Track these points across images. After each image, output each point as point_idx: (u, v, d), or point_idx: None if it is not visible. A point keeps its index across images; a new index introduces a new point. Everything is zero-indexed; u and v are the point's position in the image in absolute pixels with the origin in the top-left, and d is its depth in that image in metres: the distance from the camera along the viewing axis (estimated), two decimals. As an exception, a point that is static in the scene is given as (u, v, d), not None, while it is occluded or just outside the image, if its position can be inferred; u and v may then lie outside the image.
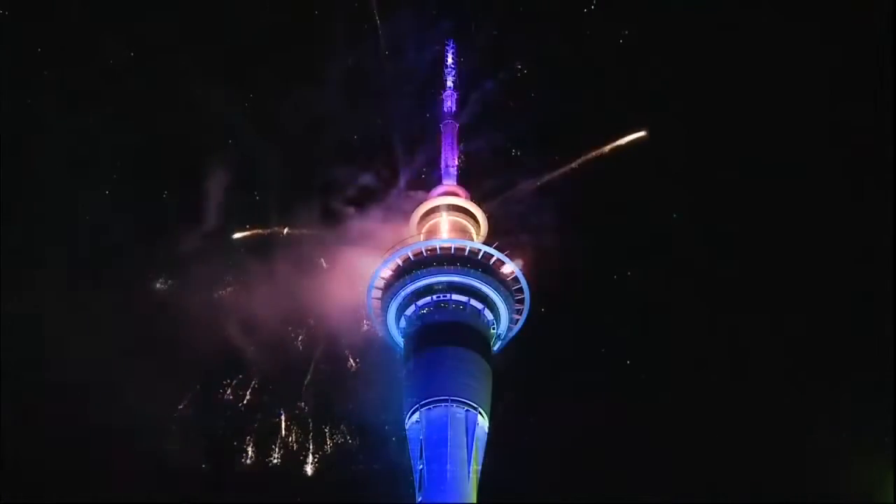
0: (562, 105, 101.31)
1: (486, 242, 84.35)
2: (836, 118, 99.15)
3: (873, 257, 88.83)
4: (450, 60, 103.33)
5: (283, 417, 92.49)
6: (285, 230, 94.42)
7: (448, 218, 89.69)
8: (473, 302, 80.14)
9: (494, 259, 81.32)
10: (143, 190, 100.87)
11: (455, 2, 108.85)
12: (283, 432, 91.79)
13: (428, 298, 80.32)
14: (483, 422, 74.69)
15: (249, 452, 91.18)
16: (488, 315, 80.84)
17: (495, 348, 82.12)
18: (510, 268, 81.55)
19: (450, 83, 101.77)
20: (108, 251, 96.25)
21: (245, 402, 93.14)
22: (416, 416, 74.91)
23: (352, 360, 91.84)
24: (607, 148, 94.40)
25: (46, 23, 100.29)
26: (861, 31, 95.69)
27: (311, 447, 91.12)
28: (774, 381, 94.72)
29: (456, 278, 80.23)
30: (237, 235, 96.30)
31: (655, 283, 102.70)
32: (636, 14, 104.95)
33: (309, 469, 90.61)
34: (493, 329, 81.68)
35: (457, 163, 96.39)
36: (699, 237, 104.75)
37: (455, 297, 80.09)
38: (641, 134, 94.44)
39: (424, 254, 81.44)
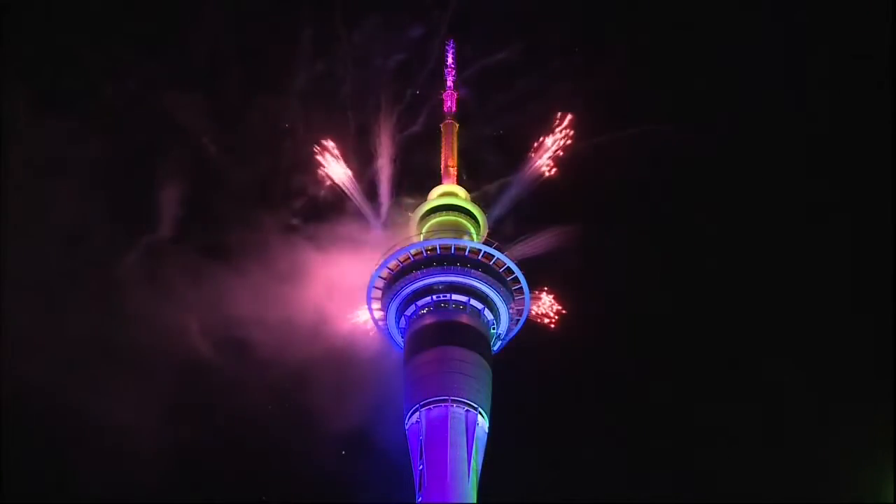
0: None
1: (485, 242, 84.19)
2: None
3: (873, 257, 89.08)
4: (450, 60, 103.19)
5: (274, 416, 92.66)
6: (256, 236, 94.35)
7: (447, 218, 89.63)
8: (473, 302, 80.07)
9: (494, 259, 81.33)
10: (108, 196, 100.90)
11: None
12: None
13: (428, 298, 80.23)
14: (483, 422, 74.59)
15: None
16: (488, 315, 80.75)
17: (495, 348, 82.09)
18: (510, 267, 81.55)
19: (450, 83, 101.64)
20: (75, 255, 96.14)
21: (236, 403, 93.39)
22: (416, 416, 74.78)
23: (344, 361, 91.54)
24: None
25: (17, 31, 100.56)
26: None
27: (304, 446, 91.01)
28: (775, 381, 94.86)
29: (456, 278, 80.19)
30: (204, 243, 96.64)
31: (657, 285, 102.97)
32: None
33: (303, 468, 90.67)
34: (493, 329, 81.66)
35: (456, 163, 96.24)
36: (701, 241, 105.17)
37: (455, 297, 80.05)
38: None
39: (424, 254, 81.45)
